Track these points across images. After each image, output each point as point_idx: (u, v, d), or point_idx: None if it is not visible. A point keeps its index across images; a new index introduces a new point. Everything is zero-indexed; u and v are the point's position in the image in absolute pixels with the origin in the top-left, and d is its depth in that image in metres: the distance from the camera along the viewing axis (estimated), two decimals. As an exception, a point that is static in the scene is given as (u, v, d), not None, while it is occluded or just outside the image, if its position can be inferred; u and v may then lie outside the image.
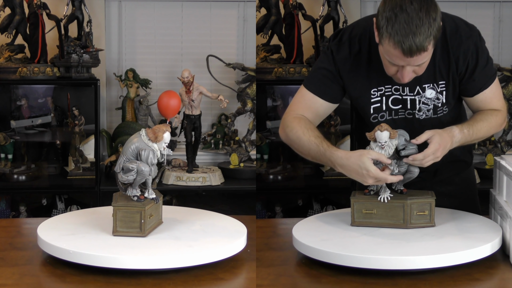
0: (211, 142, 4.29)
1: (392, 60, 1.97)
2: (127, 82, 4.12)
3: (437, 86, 2.14)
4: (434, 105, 2.15)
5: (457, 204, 2.27)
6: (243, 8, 4.36)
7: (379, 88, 2.16)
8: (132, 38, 4.33)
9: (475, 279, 1.83)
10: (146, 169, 1.93)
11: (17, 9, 3.93)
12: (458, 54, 2.10)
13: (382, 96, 2.16)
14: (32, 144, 4.17)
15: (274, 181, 4.05)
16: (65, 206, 4.00)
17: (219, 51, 4.15)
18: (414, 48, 1.89)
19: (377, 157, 1.99)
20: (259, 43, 4.14)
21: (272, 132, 4.16)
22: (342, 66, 2.16)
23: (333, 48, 2.18)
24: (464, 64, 2.11)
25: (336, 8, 4.06)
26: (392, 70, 2.03)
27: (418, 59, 1.94)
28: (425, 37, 1.88)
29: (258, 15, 4.09)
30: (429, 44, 1.90)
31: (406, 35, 1.88)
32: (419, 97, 2.14)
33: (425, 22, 1.88)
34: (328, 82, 2.19)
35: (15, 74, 3.89)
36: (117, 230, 1.96)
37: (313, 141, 2.12)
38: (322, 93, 2.21)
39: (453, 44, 2.09)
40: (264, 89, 4.14)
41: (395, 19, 1.89)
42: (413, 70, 2.00)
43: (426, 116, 2.17)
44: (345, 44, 2.15)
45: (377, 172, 1.97)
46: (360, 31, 2.15)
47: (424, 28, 1.88)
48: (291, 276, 1.91)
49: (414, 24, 1.87)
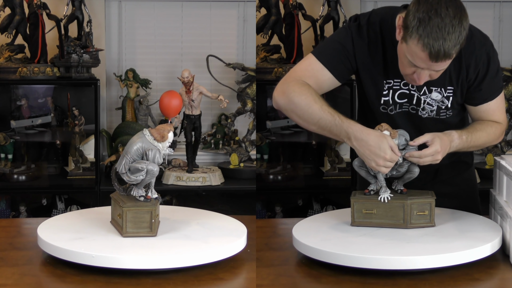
0: (211, 142, 4.29)
1: (414, 61, 1.96)
2: (127, 82, 4.12)
3: (444, 91, 2.13)
4: (438, 106, 2.15)
5: (457, 205, 2.27)
6: (243, 8, 4.36)
7: (388, 81, 2.15)
8: (132, 38, 4.33)
9: (475, 279, 1.83)
10: (156, 169, 1.95)
11: (17, 9, 3.92)
12: (470, 61, 2.10)
13: (390, 90, 2.16)
14: (32, 144, 4.17)
15: (274, 181, 4.05)
16: (65, 206, 4.00)
17: (219, 51, 4.15)
18: (442, 54, 1.88)
19: (392, 146, 1.98)
20: (259, 43, 4.14)
21: (272, 132, 4.16)
22: (360, 50, 2.13)
23: (353, 30, 2.14)
24: (474, 72, 2.11)
25: (336, 8, 4.06)
26: (409, 70, 2.01)
27: (441, 65, 1.94)
28: (453, 45, 1.88)
29: (258, 15, 4.09)
30: (455, 52, 1.91)
31: (437, 39, 1.87)
32: (425, 97, 2.14)
33: (457, 30, 1.88)
34: (341, 58, 2.14)
35: (15, 74, 3.88)
36: (127, 231, 1.95)
37: (326, 110, 2.02)
38: (332, 67, 2.14)
39: (466, 51, 2.08)
40: (264, 89, 4.13)
41: (428, 21, 1.87)
42: (429, 74, 2.00)
43: (428, 115, 2.17)
44: (363, 29, 2.12)
45: (392, 157, 1.96)
46: (378, 19, 2.13)
47: (455, 35, 1.87)
48: (291, 276, 1.91)
49: (447, 30, 1.87)
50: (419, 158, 2.01)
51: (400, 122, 2.16)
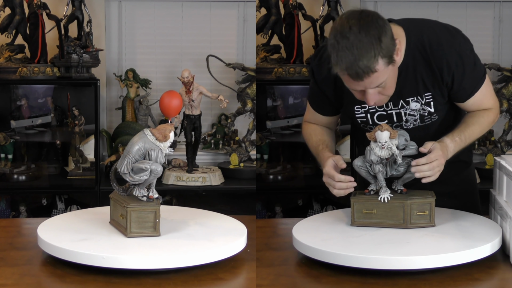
0: (211, 142, 4.29)
1: (349, 86, 1.98)
2: (127, 82, 4.12)
3: (421, 99, 2.12)
4: (420, 114, 2.15)
5: (457, 204, 2.27)
6: (243, 8, 4.36)
7: (362, 105, 2.16)
8: (132, 38, 4.33)
9: (475, 279, 1.83)
10: (160, 169, 1.95)
11: (17, 9, 3.92)
12: (442, 65, 2.07)
13: (367, 113, 2.17)
14: (32, 144, 4.17)
15: (274, 181, 4.05)
16: (65, 206, 4.00)
17: (219, 51, 4.15)
18: (361, 72, 1.87)
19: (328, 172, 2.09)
20: (259, 43, 4.14)
21: (272, 132, 4.16)
22: (326, 86, 2.19)
23: (314, 69, 2.22)
24: (449, 75, 2.08)
25: (336, 8, 4.06)
26: (358, 94, 2.02)
27: (373, 81, 1.92)
28: (369, 59, 1.86)
29: (258, 15, 4.09)
30: (377, 64, 1.88)
31: (349, 61, 1.86)
32: (404, 109, 2.14)
33: (366, 44, 1.85)
34: (322, 100, 2.26)
35: (15, 74, 3.88)
36: (132, 232, 1.95)
37: (315, 144, 2.27)
38: (320, 109, 2.31)
39: (435, 56, 2.06)
40: (264, 89, 4.14)
41: (338, 46, 1.88)
42: (378, 92, 1.98)
43: (414, 125, 2.17)
44: (325, 62, 2.08)
45: (329, 181, 2.08)
46: None
47: (366, 49, 1.85)
48: (291, 276, 1.91)
49: (355, 48, 1.85)
50: (426, 163, 2.00)
51: None
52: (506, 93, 4.02)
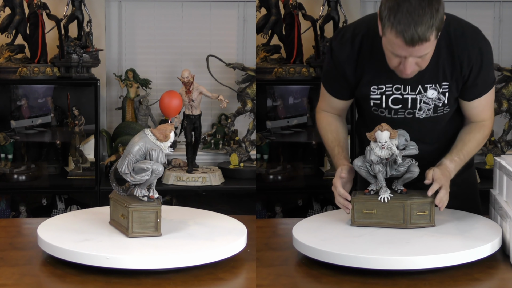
0: (211, 142, 4.29)
1: (394, 51, 1.98)
2: (127, 82, 4.12)
3: (439, 87, 2.14)
4: (435, 104, 2.16)
5: (457, 205, 2.27)
6: (243, 8, 4.36)
7: (379, 86, 2.16)
8: (132, 38, 4.33)
9: (475, 279, 1.83)
10: (161, 169, 1.95)
11: (17, 9, 3.92)
12: (463, 57, 2.10)
13: (382, 95, 2.17)
14: (32, 144, 4.17)
15: (274, 181, 4.05)
16: (65, 206, 4.00)
17: (219, 51, 4.15)
18: (416, 38, 1.89)
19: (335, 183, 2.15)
20: (259, 43, 4.14)
21: (272, 132, 4.16)
22: (347, 65, 2.18)
23: (335, 47, 2.21)
24: (468, 67, 2.11)
25: (336, 8, 4.06)
26: (395, 62, 2.02)
27: (421, 50, 1.94)
28: (427, 27, 1.89)
29: (258, 15, 4.09)
30: (431, 34, 1.91)
31: (408, 25, 1.88)
32: (421, 96, 2.15)
33: (427, 12, 1.89)
34: (338, 82, 2.25)
35: (15, 74, 3.88)
36: (134, 232, 1.96)
37: (331, 143, 2.29)
38: (336, 93, 2.29)
39: (458, 47, 2.10)
40: (264, 89, 4.13)
41: (398, 8, 1.90)
42: (416, 62, 2.01)
43: (426, 115, 2.18)
44: (347, 42, 2.16)
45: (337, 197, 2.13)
46: (362, 29, 2.16)
47: (426, 18, 1.88)
48: (291, 276, 1.91)
49: (416, 14, 1.88)
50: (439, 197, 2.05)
51: (396, 125, 2.17)
52: (506, 93, 4.02)
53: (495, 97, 3.90)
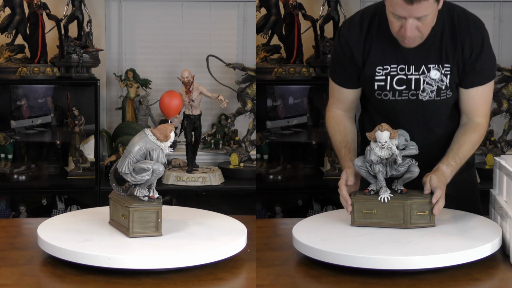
0: (211, 142, 4.29)
1: (395, 11, 2.02)
2: (127, 82, 4.11)
3: (442, 68, 2.18)
4: (438, 86, 2.19)
5: (457, 205, 2.27)
6: (243, 8, 4.36)
7: (384, 67, 2.20)
8: (132, 38, 4.33)
9: (475, 279, 1.83)
10: (162, 169, 1.96)
11: (17, 9, 3.92)
12: (465, 39, 2.16)
13: (387, 76, 2.21)
14: (32, 144, 4.17)
15: (274, 181, 4.05)
16: (65, 206, 4.00)
17: (219, 51, 4.15)
18: None
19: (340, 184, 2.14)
20: (259, 43, 4.14)
21: (272, 132, 4.16)
22: (355, 45, 2.23)
23: (344, 31, 2.27)
24: (469, 50, 2.16)
25: (336, 8, 4.06)
26: (396, 25, 2.07)
27: (420, 9, 1.98)
28: None
29: (258, 15, 4.09)
30: None
31: None
32: (424, 76, 2.19)
33: None
34: (345, 69, 2.28)
35: (15, 74, 3.88)
36: (134, 232, 1.96)
37: (338, 145, 2.30)
38: (344, 82, 2.32)
39: (461, 29, 2.16)
40: (264, 89, 4.13)
41: None
42: (416, 27, 2.04)
43: (429, 97, 2.21)
44: (356, 25, 2.23)
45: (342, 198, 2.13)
46: (370, 12, 2.23)
47: None
48: (291, 276, 1.91)
49: None
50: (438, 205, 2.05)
51: (400, 110, 2.20)
52: (506, 93, 4.02)
53: (495, 97, 3.92)
